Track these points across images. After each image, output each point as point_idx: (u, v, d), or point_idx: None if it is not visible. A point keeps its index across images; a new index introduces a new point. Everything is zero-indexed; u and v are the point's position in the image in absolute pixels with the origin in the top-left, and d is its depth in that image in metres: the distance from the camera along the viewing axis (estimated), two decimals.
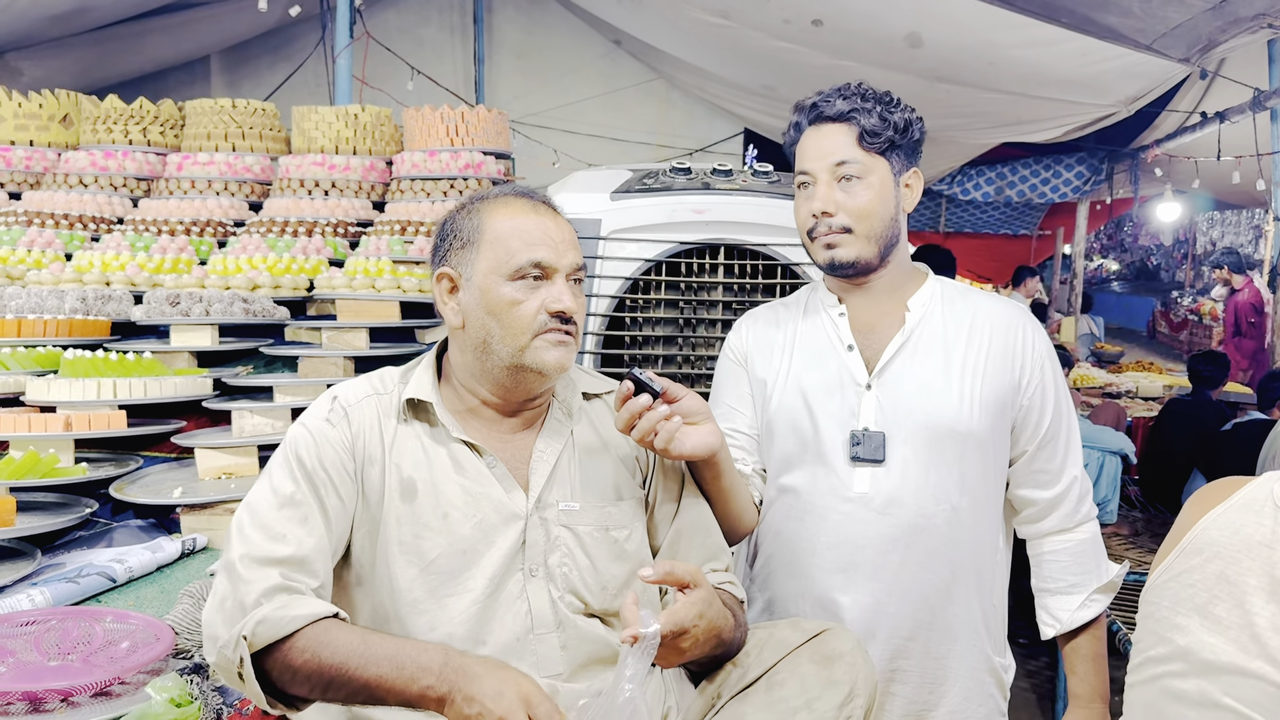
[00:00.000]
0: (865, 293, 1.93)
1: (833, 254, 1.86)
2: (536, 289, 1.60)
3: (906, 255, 1.95)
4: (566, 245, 1.64)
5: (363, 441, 1.60)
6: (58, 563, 2.29)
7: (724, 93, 8.58)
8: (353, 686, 1.38)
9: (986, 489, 1.90)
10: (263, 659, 1.39)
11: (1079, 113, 6.51)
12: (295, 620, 1.39)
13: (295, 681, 1.40)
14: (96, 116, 4.56)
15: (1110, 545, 4.32)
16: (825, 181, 1.85)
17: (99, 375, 2.79)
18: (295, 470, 1.55)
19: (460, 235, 1.64)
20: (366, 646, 1.40)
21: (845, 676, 1.58)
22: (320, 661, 1.38)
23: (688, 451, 1.67)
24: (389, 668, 1.38)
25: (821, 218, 1.85)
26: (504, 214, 1.63)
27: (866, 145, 1.83)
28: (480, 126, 4.30)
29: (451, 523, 1.57)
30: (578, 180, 3.03)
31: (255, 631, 1.38)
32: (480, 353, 1.62)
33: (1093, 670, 1.96)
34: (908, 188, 1.90)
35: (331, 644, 1.39)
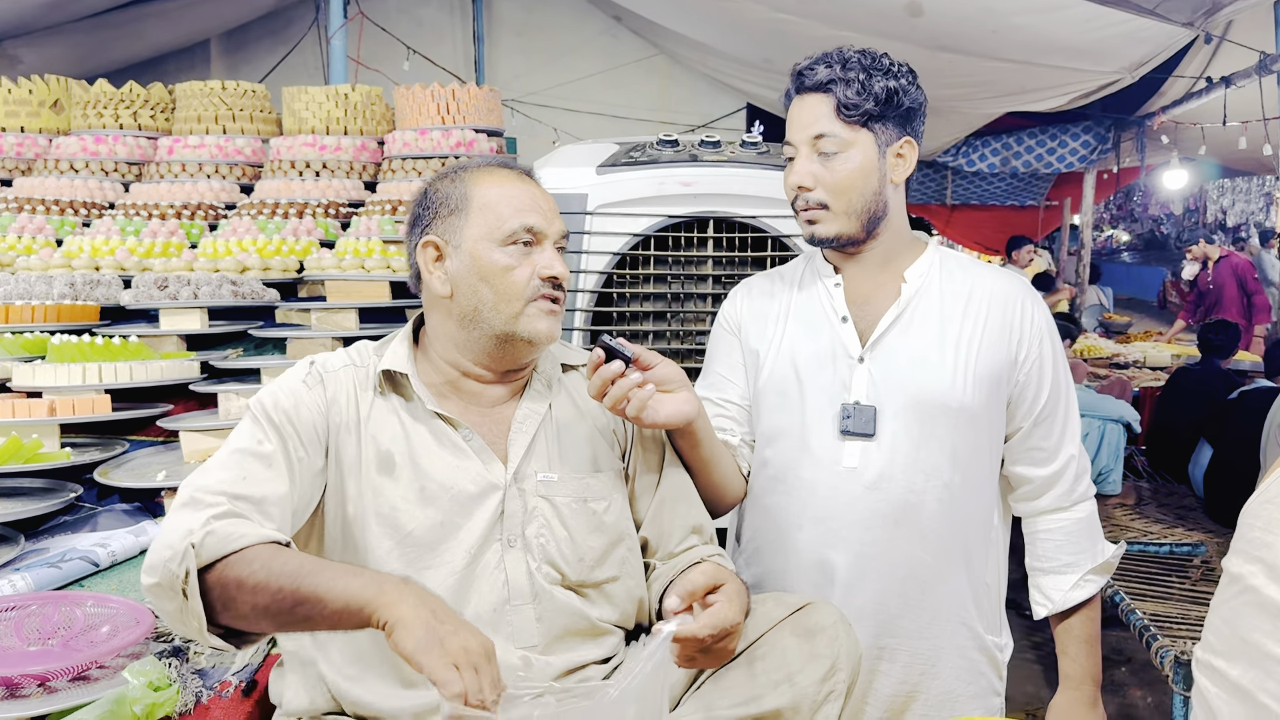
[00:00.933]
0: (860, 264, 1.88)
1: (813, 229, 1.83)
2: (528, 255, 1.60)
3: (902, 226, 1.89)
4: (553, 213, 1.65)
5: (338, 408, 1.59)
6: (41, 548, 2.29)
7: (725, 67, 8.50)
8: (299, 597, 1.30)
9: (980, 465, 1.86)
10: (207, 577, 1.32)
11: (1083, 80, 6.41)
12: (244, 537, 1.34)
13: (238, 601, 1.32)
14: (87, 101, 4.54)
15: (1114, 515, 4.28)
16: (805, 154, 1.80)
17: (85, 360, 2.77)
18: (264, 423, 1.52)
19: (448, 203, 1.62)
20: (317, 564, 1.35)
21: (827, 650, 1.57)
22: (270, 573, 1.31)
23: (662, 420, 1.64)
24: (340, 577, 1.31)
25: (800, 191, 1.81)
26: (491, 181, 1.63)
27: (846, 117, 1.76)
28: (472, 104, 4.27)
29: (429, 495, 1.56)
30: (563, 155, 2.99)
31: (204, 542, 1.32)
32: (469, 322, 1.60)
33: (1085, 652, 1.93)
34: (899, 158, 1.82)
35: (284, 559, 1.33)
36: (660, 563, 1.72)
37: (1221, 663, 1.14)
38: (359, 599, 1.28)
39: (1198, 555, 3.79)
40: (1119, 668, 4.13)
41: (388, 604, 1.26)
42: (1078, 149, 8.53)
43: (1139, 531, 4.03)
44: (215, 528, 1.34)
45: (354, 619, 1.29)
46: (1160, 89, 7.27)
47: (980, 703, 1.91)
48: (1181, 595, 3.33)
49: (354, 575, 1.32)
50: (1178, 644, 2.81)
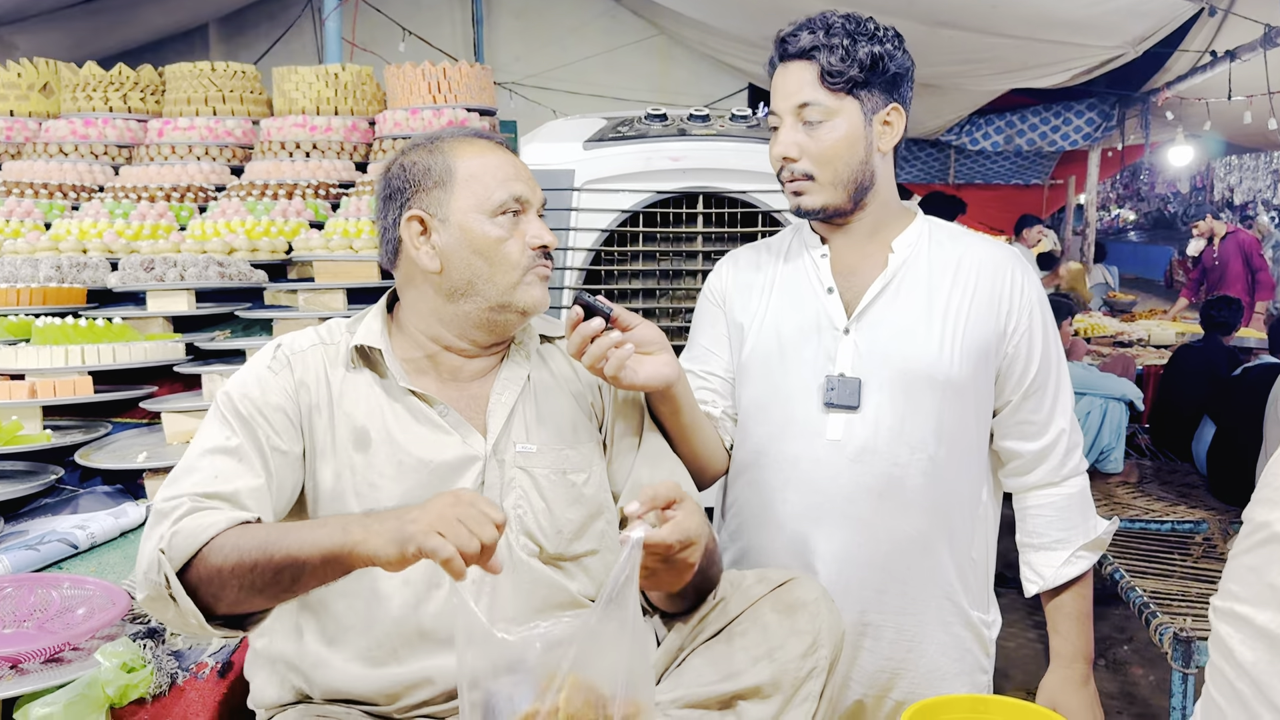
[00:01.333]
0: (847, 234, 1.84)
1: (799, 200, 1.79)
2: (516, 225, 1.58)
3: (891, 195, 1.85)
4: (534, 181, 1.63)
5: (308, 390, 1.56)
6: (20, 530, 2.26)
7: (725, 47, 8.44)
8: (275, 563, 1.29)
9: (967, 439, 1.82)
10: (188, 576, 1.32)
11: (1086, 55, 6.35)
12: (210, 527, 1.33)
13: (225, 587, 1.32)
14: (76, 84, 4.51)
15: (1116, 494, 4.25)
16: (789, 124, 1.76)
17: (69, 342, 2.75)
18: (230, 418, 1.50)
19: (430, 175, 1.57)
20: (284, 526, 1.36)
21: (809, 626, 1.55)
22: (241, 551, 1.30)
23: (640, 381, 1.62)
24: (308, 531, 1.30)
25: (785, 162, 1.77)
26: (472, 152, 1.59)
27: (830, 85, 1.71)
28: (463, 83, 4.23)
29: (406, 470, 1.54)
30: (550, 130, 2.96)
31: (171, 544, 1.31)
32: (460, 295, 1.57)
33: (1076, 629, 1.90)
34: (886, 125, 1.77)
35: (251, 534, 1.32)
36: None
37: (1247, 609, 1.12)
38: (331, 548, 1.26)
39: (1199, 533, 3.75)
40: (1121, 646, 4.10)
41: (357, 541, 1.25)
42: (1082, 126, 8.47)
43: (1140, 509, 3.99)
44: (180, 527, 1.33)
45: (336, 568, 1.28)
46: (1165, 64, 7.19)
47: (966, 679, 1.88)
48: (1183, 573, 3.30)
49: (318, 527, 1.31)
50: (1177, 621, 2.78)
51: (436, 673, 1.50)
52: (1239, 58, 6.00)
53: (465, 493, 1.26)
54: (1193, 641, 2.63)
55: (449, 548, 1.19)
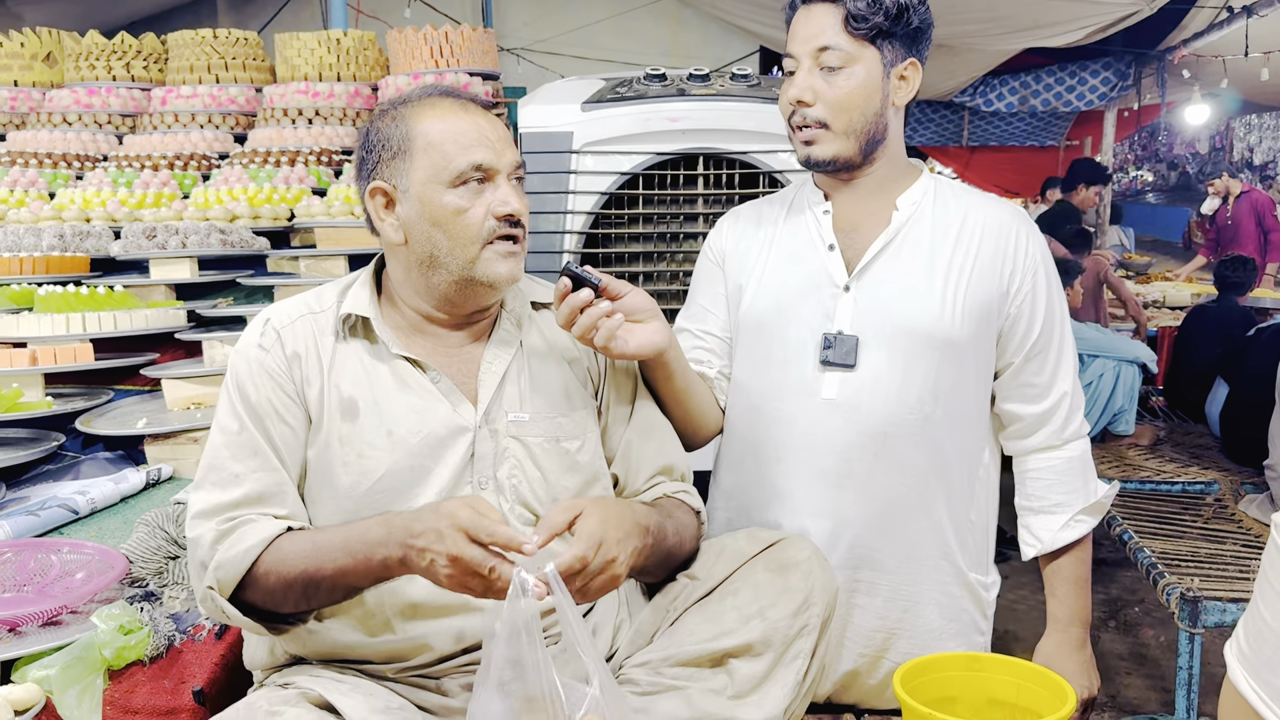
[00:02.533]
0: (852, 190, 1.81)
1: (809, 150, 1.75)
2: (480, 193, 1.51)
3: (899, 152, 1.81)
4: (504, 143, 1.54)
5: (299, 362, 1.54)
6: (22, 496, 2.28)
7: (736, 9, 8.34)
8: (325, 586, 1.39)
9: (965, 400, 1.80)
10: (244, 596, 1.41)
11: (1100, 13, 6.24)
12: (247, 554, 1.39)
13: (282, 601, 1.41)
14: (79, 54, 4.50)
15: (1127, 455, 4.22)
16: (806, 68, 1.71)
17: (71, 310, 2.75)
18: (239, 407, 1.52)
19: (389, 144, 1.52)
20: (316, 549, 1.40)
21: (800, 584, 1.54)
22: (285, 579, 1.39)
23: (631, 350, 1.60)
24: (344, 558, 1.37)
25: (798, 106, 1.73)
26: (432, 116, 1.52)
27: (854, 30, 1.67)
28: (465, 47, 4.19)
29: (396, 440, 1.52)
30: (547, 92, 2.92)
31: (218, 580, 1.40)
32: (425, 268, 1.53)
33: (1074, 593, 1.88)
34: (902, 80, 1.74)
35: (286, 560, 1.40)
36: None
37: None
38: (374, 569, 1.37)
39: (1211, 494, 3.72)
40: (1131, 608, 4.09)
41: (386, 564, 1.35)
42: (1097, 86, 8.34)
43: (1152, 471, 3.96)
44: (219, 561, 1.40)
45: (373, 580, 1.40)
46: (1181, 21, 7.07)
47: (963, 640, 1.87)
48: (1193, 534, 3.27)
49: (349, 553, 1.37)
50: (1185, 581, 2.76)
51: (435, 638, 1.50)
52: (1256, 13, 5.90)
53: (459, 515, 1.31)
54: (1200, 601, 2.61)
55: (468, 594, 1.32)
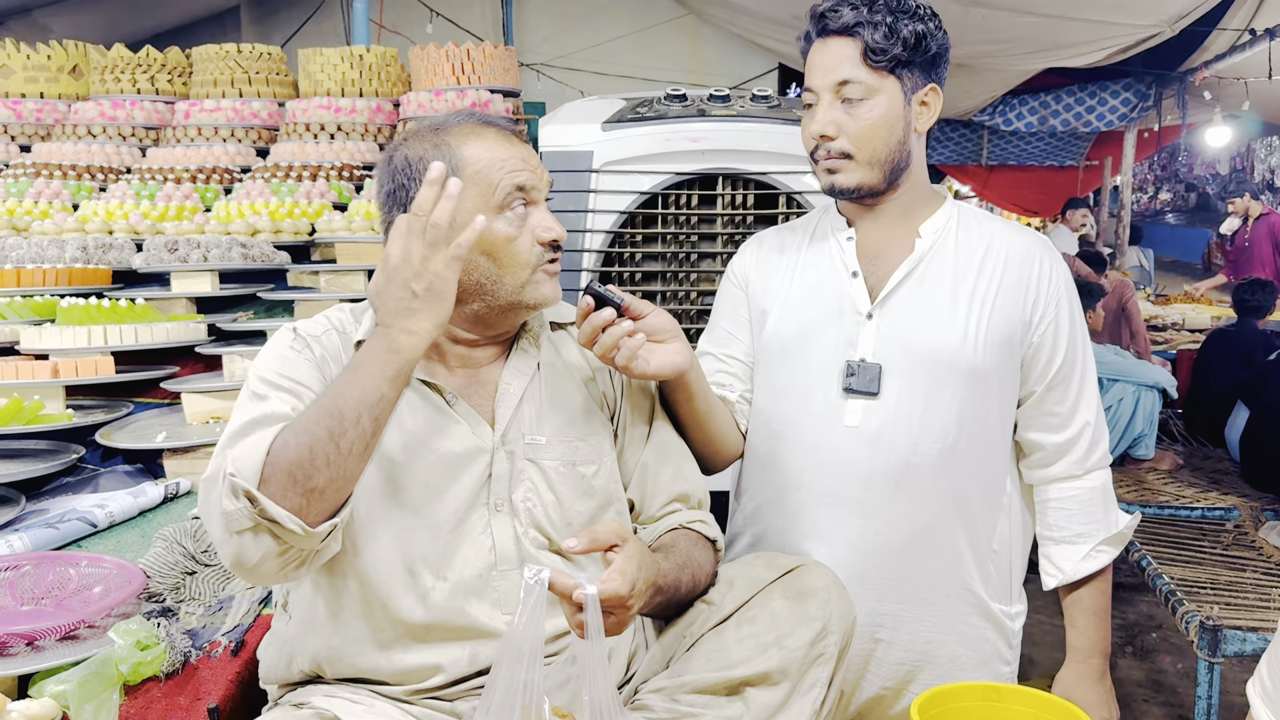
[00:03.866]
0: (876, 216, 1.81)
1: (833, 179, 1.75)
2: (524, 219, 1.53)
3: (922, 178, 1.81)
4: (539, 165, 1.58)
5: (328, 367, 1.53)
6: (41, 509, 2.29)
7: (755, 26, 8.35)
8: (354, 416, 1.29)
9: (988, 428, 1.79)
10: (268, 490, 1.26)
11: (1121, 35, 6.22)
12: (266, 435, 1.29)
13: (312, 472, 1.28)
14: (105, 67, 4.54)
15: (1147, 480, 4.19)
16: (827, 102, 1.71)
17: (92, 322, 2.77)
18: (268, 389, 1.45)
19: None
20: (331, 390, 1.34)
21: (818, 613, 1.52)
22: (310, 435, 1.28)
23: (652, 370, 1.60)
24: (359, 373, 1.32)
25: (822, 141, 1.73)
26: (477, 144, 1.53)
27: (873, 62, 1.67)
28: (487, 64, 4.21)
29: (414, 456, 1.52)
30: (568, 111, 2.94)
31: (237, 468, 1.26)
32: (468, 296, 1.52)
33: (1094, 624, 1.87)
34: (923, 106, 1.74)
35: (304, 416, 1.31)
36: (641, 526, 1.69)
37: None
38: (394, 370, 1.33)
39: (1230, 520, 3.69)
40: (1149, 633, 4.06)
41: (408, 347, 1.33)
42: (1117, 107, 8.32)
43: (1171, 496, 3.94)
44: (236, 453, 1.28)
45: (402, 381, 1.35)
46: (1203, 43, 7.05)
47: (987, 669, 1.86)
48: (1212, 561, 3.24)
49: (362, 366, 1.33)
50: (1204, 609, 2.73)
51: (448, 660, 1.49)
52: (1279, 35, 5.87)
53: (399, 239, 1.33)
54: (1220, 630, 2.58)
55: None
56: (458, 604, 1.49)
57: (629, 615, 1.37)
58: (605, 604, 1.31)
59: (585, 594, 1.28)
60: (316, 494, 1.29)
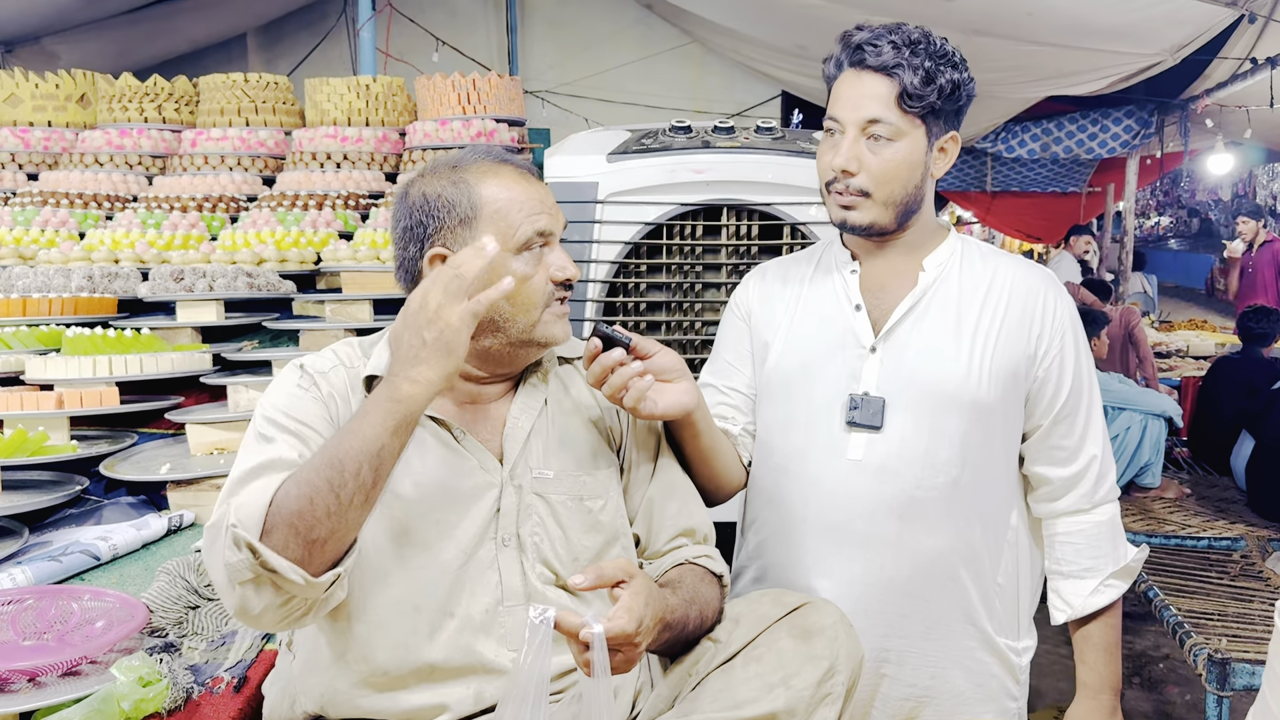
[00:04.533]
0: (882, 252, 1.81)
1: (846, 215, 1.73)
2: (540, 259, 1.54)
3: (930, 216, 1.81)
4: (556, 209, 1.59)
5: (335, 405, 1.54)
6: (45, 541, 2.28)
7: (758, 55, 8.41)
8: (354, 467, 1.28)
9: (993, 462, 1.78)
10: (270, 541, 1.26)
11: (1122, 63, 6.25)
12: (268, 485, 1.30)
13: (314, 524, 1.27)
14: (112, 95, 4.58)
15: (1153, 509, 4.18)
16: (852, 136, 1.69)
17: (98, 352, 2.77)
18: (274, 431, 1.45)
19: (454, 210, 1.52)
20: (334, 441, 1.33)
21: (825, 651, 1.51)
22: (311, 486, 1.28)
23: (660, 410, 1.60)
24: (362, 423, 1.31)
25: (841, 175, 1.71)
26: (496, 184, 1.54)
27: (906, 106, 1.65)
28: (492, 94, 4.23)
29: (422, 491, 1.52)
30: (574, 143, 2.95)
31: (240, 517, 1.26)
32: (481, 333, 1.53)
33: (1104, 660, 1.85)
34: (942, 152, 1.74)
35: (306, 467, 1.31)
36: (647, 561, 1.68)
37: None
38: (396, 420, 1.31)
39: (1237, 550, 3.67)
40: (1156, 664, 4.04)
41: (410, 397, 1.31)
42: (1120, 134, 8.33)
43: (1177, 525, 3.92)
44: (239, 502, 1.29)
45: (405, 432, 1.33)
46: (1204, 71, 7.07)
47: (994, 705, 1.84)
48: (1220, 591, 3.23)
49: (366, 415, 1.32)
50: (1212, 641, 2.72)
51: (453, 699, 1.48)
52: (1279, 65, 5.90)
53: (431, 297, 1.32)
54: (1229, 663, 2.57)
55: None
56: (465, 641, 1.49)
57: (637, 653, 1.36)
58: (612, 642, 1.31)
59: (592, 633, 1.28)
60: (318, 545, 1.29)
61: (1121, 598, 1.86)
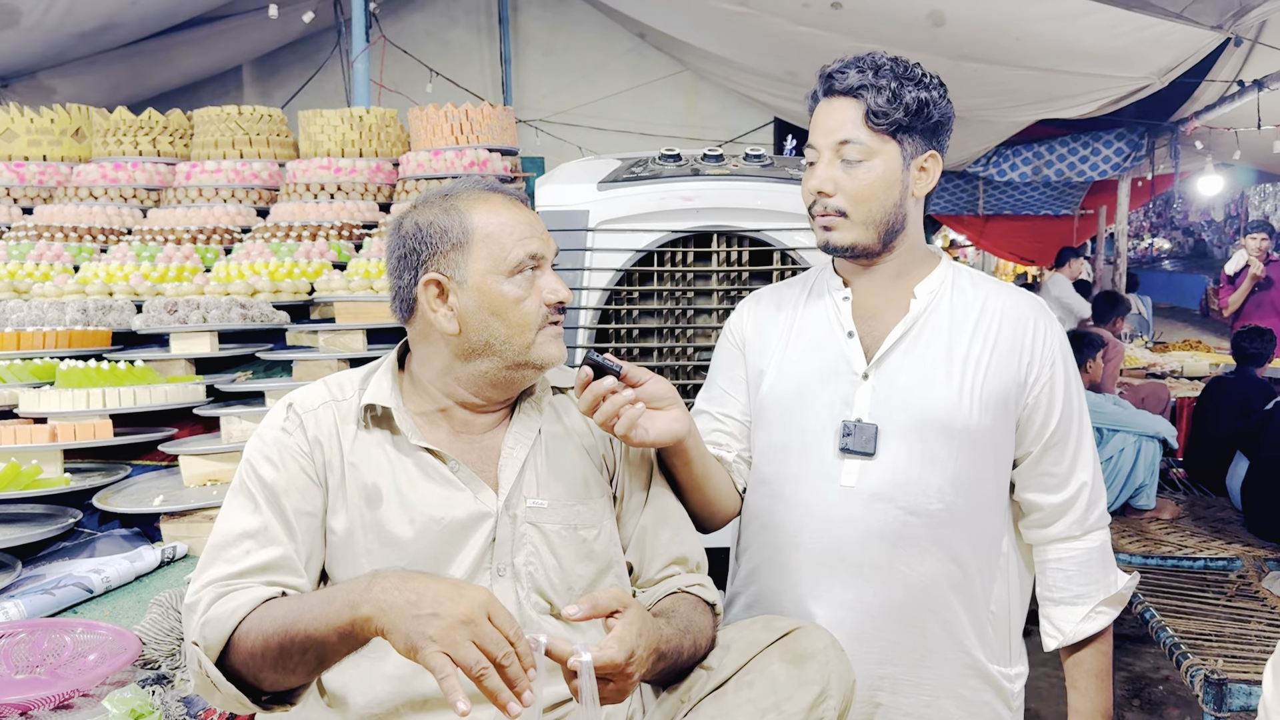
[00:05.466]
0: (871, 276, 1.83)
1: (828, 236, 1.78)
2: (533, 282, 1.57)
3: (918, 240, 1.84)
4: (547, 234, 1.63)
5: (321, 448, 1.56)
6: (38, 574, 2.28)
7: (750, 82, 8.47)
8: (297, 644, 1.31)
9: (984, 489, 1.79)
10: (228, 662, 1.37)
11: (1111, 86, 6.30)
12: (235, 611, 1.36)
13: (261, 669, 1.35)
14: (107, 129, 4.60)
15: (1149, 530, 4.18)
16: (827, 160, 1.75)
17: (91, 385, 2.78)
18: (255, 489, 1.52)
19: (447, 237, 1.56)
20: (300, 602, 1.36)
21: (817, 676, 1.52)
22: (264, 635, 1.34)
23: (652, 438, 1.62)
24: (321, 608, 1.30)
25: (819, 197, 1.76)
26: (487, 210, 1.58)
27: (874, 125, 1.71)
28: (485, 123, 4.26)
29: (419, 528, 1.53)
30: (565, 171, 2.97)
31: (204, 635, 1.36)
32: (477, 355, 1.57)
33: (1095, 686, 1.86)
34: (922, 171, 1.77)
35: (267, 618, 1.36)
36: (640, 589, 1.69)
37: None
38: (343, 626, 1.28)
39: (1234, 570, 3.67)
40: (1156, 686, 4.02)
41: (366, 618, 1.26)
42: (1110, 156, 8.39)
43: (1174, 546, 3.92)
44: (209, 617, 1.37)
45: (353, 642, 1.30)
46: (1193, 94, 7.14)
47: None
48: (1216, 612, 3.23)
49: (328, 603, 1.31)
50: (1209, 662, 2.71)
51: None
52: (1267, 87, 5.96)
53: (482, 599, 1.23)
54: (1225, 683, 2.56)
55: (449, 670, 1.18)
56: None
57: (630, 684, 1.37)
58: (603, 671, 1.32)
59: (580, 661, 1.29)
60: (267, 684, 1.38)
61: (1112, 625, 1.86)
